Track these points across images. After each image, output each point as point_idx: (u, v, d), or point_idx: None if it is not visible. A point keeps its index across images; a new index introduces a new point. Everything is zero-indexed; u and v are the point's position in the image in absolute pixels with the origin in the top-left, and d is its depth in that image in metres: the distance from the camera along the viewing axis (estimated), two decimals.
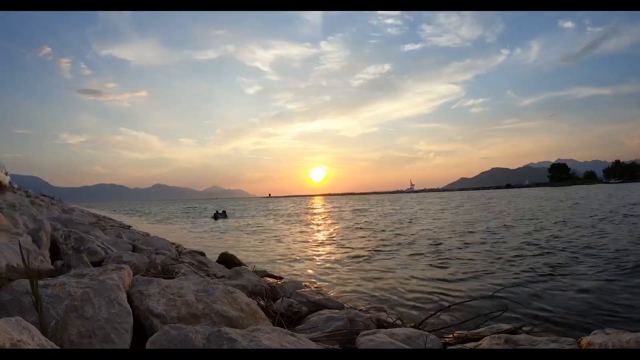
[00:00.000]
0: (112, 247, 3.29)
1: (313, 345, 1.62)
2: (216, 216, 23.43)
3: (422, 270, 5.82)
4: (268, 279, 4.68)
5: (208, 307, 1.88)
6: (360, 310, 3.19)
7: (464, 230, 10.94)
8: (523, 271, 5.38)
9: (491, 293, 4.19)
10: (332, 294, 4.42)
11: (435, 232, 10.88)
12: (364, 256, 7.30)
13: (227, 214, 24.49)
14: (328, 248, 8.79)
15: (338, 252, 8.06)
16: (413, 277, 5.39)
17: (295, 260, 7.27)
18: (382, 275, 5.55)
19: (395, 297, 4.40)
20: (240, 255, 6.27)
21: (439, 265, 6.12)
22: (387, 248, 8.18)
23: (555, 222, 11.71)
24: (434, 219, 15.81)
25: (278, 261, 7.16)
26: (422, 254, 7.26)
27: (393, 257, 7.00)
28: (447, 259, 6.62)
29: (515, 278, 5.03)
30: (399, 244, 8.76)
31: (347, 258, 7.19)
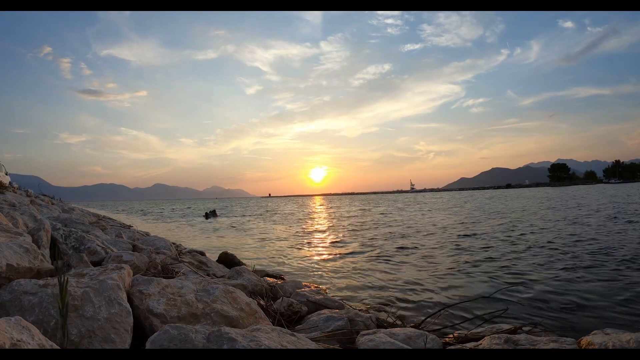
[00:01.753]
0: (112, 246, 3.29)
1: (313, 345, 1.62)
2: (207, 215, 24.22)
3: (422, 270, 5.82)
4: (268, 278, 4.68)
5: (208, 307, 1.88)
6: (360, 310, 3.19)
7: (463, 230, 10.94)
8: (522, 271, 5.38)
9: (491, 293, 4.19)
10: (331, 294, 4.42)
11: (435, 232, 10.88)
12: (363, 256, 7.30)
13: (217, 213, 25.32)
14: (327, 248, 8.79)
15: (337, 252, 8.06)
16: (413, 277, 5.39)
17: (293, 260, 7.27)
18: (381, 275, 5.55)
19: (395, 297, 4.40)
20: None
21: (438, 265, 6.12)
22: (387, 248, 8.18)
23: (553, 222, 11.71)
24: (434, 219, 15.82)
25: (272, 260, 7.17)
26: (422, 254, 7.26)
27: (393, 257, 7.00)
28: (447, 259, 6.62)
29: (514, 278, 5.03)
30: (399, 244, 8.76)
31: (347, 258, 7.19)
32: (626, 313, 3.55)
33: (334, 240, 10.17)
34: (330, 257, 7.45)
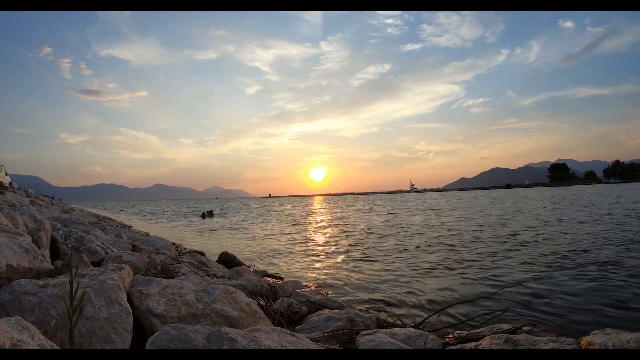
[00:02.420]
0: (112, 246, 3.29)
1: (313, 345, 1.62)
2: (204, 215, 24.71)
3: (422, 270, 5.82)
4: (268, 279, 4.68)
5: (208, 307, 1.88)
6: (360, 310, 3.19)
7: (464, 231, 10.94)
8: (522, 271, 5.38)
9: (491, 293, 4.19)
10: (332, 294, 4.42)
11: (435, 233, 10.88)
12: (363, 256, 7.30)
13: (213, 213, 25.71)
14: (326, 248, 8.79)
15: (337, 252, 8.05)
16: (413, 277, 5.39)
17: (293, 260, 7.27)
18: (382, 276, 5.55)
19: (395, 297, 4.40)
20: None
21: (438, 265, 6.12)
22: (387, 248, 8.18)
23: (554, 223, 11.71)
24: (435, 220, 15.82)
25: (271, 260, 7.17)
26: (422, 254, 7.26)
27: (392, 257, 7.00)
28: (446, 259, 6.62)
29: (514, 278, 5.03)
30: (399, 244, 8.76)
31: (346, 258, 7.19)
32: (626, 313, 3.55)
33: (334, 240, 10.17)
34: (330, 257, 7.45)
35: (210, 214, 25.20)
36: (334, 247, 8.90)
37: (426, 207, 26.00)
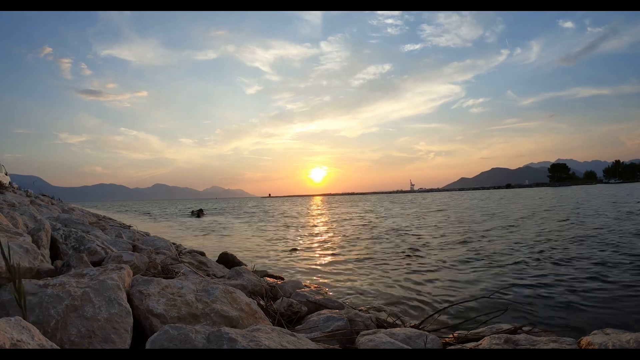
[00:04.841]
0: (112, 246, 3.29)
1: (313, 345, 1.62)
2: (197, 214, 26.00)
3: (421, 270, 5.82)
4: (268, 279, 4.68)
5: (208, 307, 1.88)
6: (360, 310, 3.19)
7: (463, 231, 10.94)
8: (523, 271, 5.38)
9: (491, 293, 4.19)
10: (332, 294, 4.42)
11: (434, 233, 10.88)
12: (362, 257, 7.30)
13: (204, 213, 27.08)
14: (325, 248, 8.79)
15: (336, 252, 8.06)
16: (412, 277, 5.39)
17: (292, 260, 7.27)
18: (381, 276, 5.55)
19: (395, 297, 4.40)
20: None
21: (438, 265, 6.12)
22: (387, 249, 8.18)
23: (554, 223, 11.71)
24: (434, 221, 15.82)
25: (270, 260, 7.16)
26: (421, 254, 7.26)
27: (392, 258, 7.00)
28: (447, 260, 6.62)
29: (515, 278, 5.03)
30: (398, 245, 8.76)
31: (346, 258, 7.19)
32: (626, 313, 3.55)
33: (332, 240, 10.17)
34: (329, 257, 7.45)
35: (201, 212, 26.66)
36: (332, 247, 8.90)
37: (426, 208, 25.99)
